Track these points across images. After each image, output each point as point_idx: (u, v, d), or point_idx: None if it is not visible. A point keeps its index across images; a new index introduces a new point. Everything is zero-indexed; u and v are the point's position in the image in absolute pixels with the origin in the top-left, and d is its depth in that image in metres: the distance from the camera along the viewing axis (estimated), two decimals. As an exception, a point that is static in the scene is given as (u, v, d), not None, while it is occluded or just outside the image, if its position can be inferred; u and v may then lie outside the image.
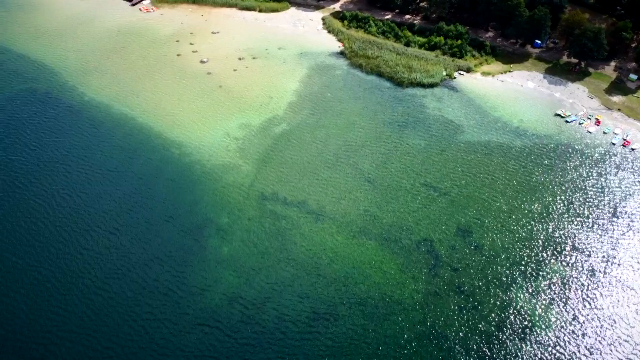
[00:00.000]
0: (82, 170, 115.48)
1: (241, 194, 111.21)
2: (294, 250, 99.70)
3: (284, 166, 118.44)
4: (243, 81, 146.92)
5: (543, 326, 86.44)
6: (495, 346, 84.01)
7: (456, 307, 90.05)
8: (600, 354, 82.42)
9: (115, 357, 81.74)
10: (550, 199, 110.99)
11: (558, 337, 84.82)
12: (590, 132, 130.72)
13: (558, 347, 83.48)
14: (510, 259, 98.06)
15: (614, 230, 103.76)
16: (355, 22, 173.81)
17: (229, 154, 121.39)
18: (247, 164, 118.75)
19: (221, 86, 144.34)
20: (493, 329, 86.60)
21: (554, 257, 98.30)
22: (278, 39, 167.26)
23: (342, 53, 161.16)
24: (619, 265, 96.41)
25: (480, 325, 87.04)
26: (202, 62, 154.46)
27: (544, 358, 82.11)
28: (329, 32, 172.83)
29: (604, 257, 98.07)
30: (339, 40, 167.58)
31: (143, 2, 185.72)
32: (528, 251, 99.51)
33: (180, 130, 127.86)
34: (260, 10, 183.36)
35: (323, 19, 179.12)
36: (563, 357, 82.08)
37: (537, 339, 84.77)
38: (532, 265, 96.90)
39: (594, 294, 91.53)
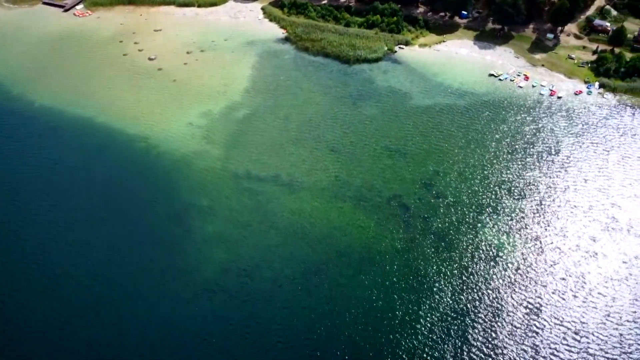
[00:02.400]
0: (51, 171, 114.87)
1: (216, 176, 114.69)
2: (275, 220, 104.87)
3: (252, 146, 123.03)
4: (196, 73, 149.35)
5: (509, 250, 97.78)
6: (471, 275, 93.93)
7: (432, 249, 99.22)
8: (559, 263, 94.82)
9: (123, 332, 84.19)
10: (496, 145, 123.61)
11: (523, 257, 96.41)
12: (521, 87, 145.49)
13: (523, 265, 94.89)
14: (471, 201, 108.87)
15: (554, 163, 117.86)
16: (295, 8, 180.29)
17: (196, 141, 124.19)
18: (215, 149, 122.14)
19: (175, 80, 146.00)
20: (467, 261, 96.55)
21: (508, 193, 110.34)
22: (222, 31, 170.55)
23: (287, 39, 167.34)
24: (563, 191, 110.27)
25: (456, 260, 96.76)
26: (150, 59, 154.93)
27: (513, 275, 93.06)
28: (270, 20, 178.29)
29: (549, 186, 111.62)
30: (281, 27, 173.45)
31: (76, 7, 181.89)
32: (485, 191, 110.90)
33: (142, 125, 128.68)
34: (199, 6, 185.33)
35: (263, 8, 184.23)
36: (528, 271, 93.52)
37: (505, 261, 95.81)
38: (491, 202, 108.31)
39: (546, 217, 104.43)
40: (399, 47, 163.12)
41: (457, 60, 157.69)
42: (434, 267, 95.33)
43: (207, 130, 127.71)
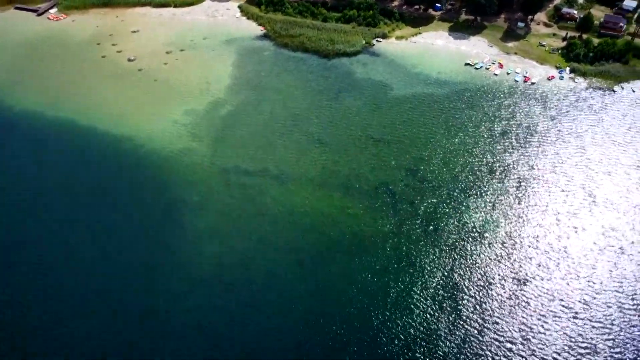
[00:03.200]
0: (38, 175, 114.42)
1: (204, 172, 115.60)
2: (267, 212, 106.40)
3: (238, 141, 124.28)
4: (177, 72, 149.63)
5: (494, 228, 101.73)
6: (460, 253, 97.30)
7: (421, 231, 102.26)
8: (541, 238, 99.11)
9: (122, 326, 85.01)
10: (476, 130, 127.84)
11: (507, 234, 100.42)
12: (496, 74, 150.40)
13: (508, 241, 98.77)
14: (455, 184, 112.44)
15: (531, 145, 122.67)
16: (272, 6, 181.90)
17: (183, 139, 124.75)
18: (202, 145, 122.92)
19: (156, 80, 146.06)
20: (454, 241, 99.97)
21: (489, 175, 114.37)
22: (200, 30, 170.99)
23: (266, 35, 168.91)
24: (542, 170, 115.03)
25: (443, 240, 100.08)
26: (130, 60, 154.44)
27: (499, 251, 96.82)
28: (248, 18, 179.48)
29: (529, 166, 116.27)
30: (260, 24, 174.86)
31: (50, 10, 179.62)
32: (468, 174, 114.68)
33: (126, 125, 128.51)
34: (175, 6, 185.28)
35: (240, 6, 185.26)
36: (513, 246, 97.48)
37: (491, 238, 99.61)
38: (474, 184, 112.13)
39: (528, 195, 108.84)
40: (377, 40, 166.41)
41: (433, 51, 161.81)
42: (424, 248, 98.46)
43: (192, 127, 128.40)
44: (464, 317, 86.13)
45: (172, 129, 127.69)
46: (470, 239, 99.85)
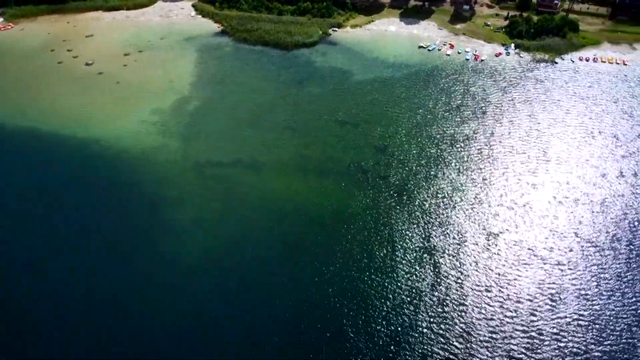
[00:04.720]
0: (9, 182, 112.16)
1: (179, 168, 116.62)
2: (246, 200, 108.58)
3: (208, 135, 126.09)
4: (138, 73, 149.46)
5: (462, 192, 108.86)
6: (433, 217, 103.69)
7: (396, 203, 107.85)
8: (506, 195, 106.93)
9: (120, 323, 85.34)
10: (435, 105, 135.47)
11: (474, 195, 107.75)
12: (448, 55, 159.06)
13: (476, 202, 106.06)
14: (422, 156, 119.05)
15: (487, 115, 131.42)
16: (226, 2, 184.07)
17: (152, 137, 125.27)
18: (173, 142, 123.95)
19: (118, 82, 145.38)
20: (427, 206, 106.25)
21: (452, 145, 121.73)
22: (157, 31, 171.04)
23: (224, 32, 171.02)
24: (499, 136, 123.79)
25: (418, 207, 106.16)
26: (87, 64, 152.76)
27: (468, 211, 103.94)
28: (203, 16, 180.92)
29: (487, 134, 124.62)
30: (216, 21, 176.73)
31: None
32: (432, 146, 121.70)
33: (93, 128, 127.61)
34: (128, 8, 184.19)
35: (194, 5, 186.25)
36: (481, 206, 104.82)
37: (460, 201, 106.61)
38: (439, 154, 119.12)
39: (489, 160, 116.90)
40: (333, 30, 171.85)
41: (388, 36, 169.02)
42: (400, 217, 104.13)
43: (161, 125, 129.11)
44: (444, 272, 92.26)
45: (141, 128, 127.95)
46: (442, 204, 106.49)
